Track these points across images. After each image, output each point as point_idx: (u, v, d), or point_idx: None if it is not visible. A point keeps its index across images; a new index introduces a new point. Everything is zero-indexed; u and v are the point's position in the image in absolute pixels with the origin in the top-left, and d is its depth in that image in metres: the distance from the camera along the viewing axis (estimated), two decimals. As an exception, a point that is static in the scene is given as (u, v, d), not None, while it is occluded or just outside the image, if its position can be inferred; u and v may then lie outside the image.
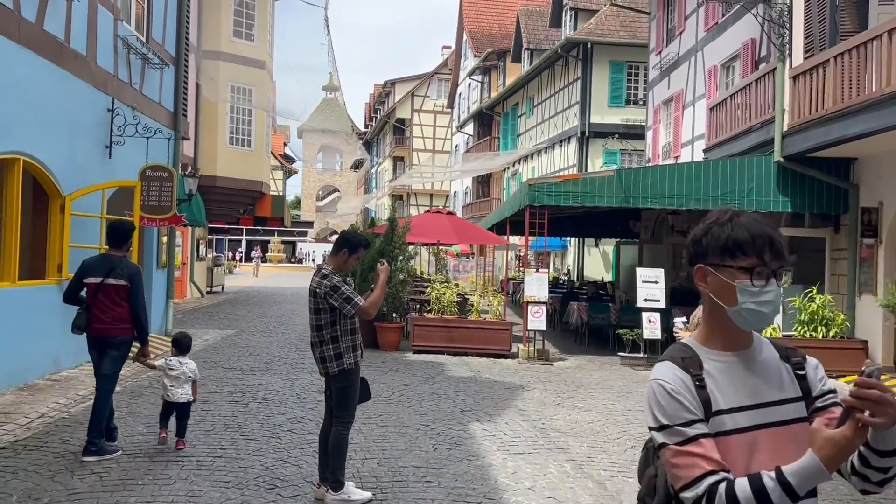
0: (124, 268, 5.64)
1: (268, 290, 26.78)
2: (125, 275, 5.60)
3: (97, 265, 5.68)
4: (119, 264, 5.64)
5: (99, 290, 5.55)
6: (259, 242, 57.21)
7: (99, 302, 5.55)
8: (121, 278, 5.58)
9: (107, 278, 5.56)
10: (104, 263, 5.67)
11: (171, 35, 12.37)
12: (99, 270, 5.61)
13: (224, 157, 21.25)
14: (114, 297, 5.56)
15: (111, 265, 5.62)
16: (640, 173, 11.05)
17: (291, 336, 13.19)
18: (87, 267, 5.71)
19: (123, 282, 5.58)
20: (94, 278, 5.60)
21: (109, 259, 5.71)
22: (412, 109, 51.64)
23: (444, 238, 12.91)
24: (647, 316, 10.65)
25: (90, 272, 5.65)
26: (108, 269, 5.59)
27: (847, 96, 9.23)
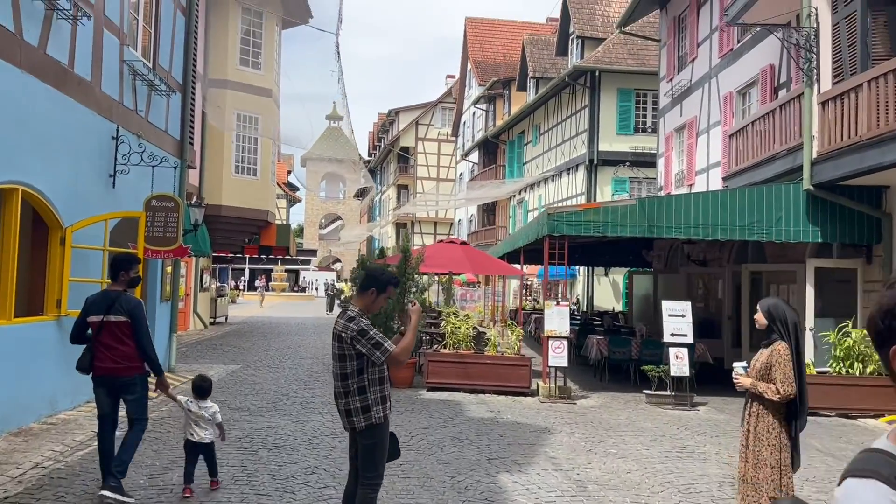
0: (123, 303, 5.38)
1: (272, 321, 26.28)
2: (124, 310, 5.35)
3: (97, 302, 5.45)
4: (118, 300, 5.38)
5: (101, 328, 5.32)
6: (263, 271, 56.76)
7: (103, 341, 5.31)
8: (120, 314, 5.33)
9: (107, 315, 5.32)
10: (104, 300, 5.44)
11: (178, 62, 12.06)
12: (99, 308, 5.38)
13: (229, 185, 20.94)
14: (117, 334, 5.32)
15: (110, 301, 5.38)
16: (662, 202, 10.63)
17: (299, 371, 12.68)
18: (88, 305, 5.49)
19: (123, 318, 5.33)
20: (96, 316, 5.37)
21: (108, 295, 5.49)
22: (416, 138, 51.56)
23: (457, 268, 12.48)
24: (674, 351, 10.15)
25: (92, 310, 5.42)
26: (107, 306, 5.35)
27: (883, 122, 8.84)
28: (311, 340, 18.95)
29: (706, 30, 17.71)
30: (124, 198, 9.67)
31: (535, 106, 30.59)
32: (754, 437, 4.53)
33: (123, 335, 5.31)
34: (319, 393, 10.43)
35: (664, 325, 10.35)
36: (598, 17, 29.03)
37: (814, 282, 10.61)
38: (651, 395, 10.36)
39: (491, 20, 45.95)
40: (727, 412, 9.93)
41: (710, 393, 11.26)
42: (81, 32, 8.35)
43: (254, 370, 12.66)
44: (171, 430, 7.63)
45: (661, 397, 10.25)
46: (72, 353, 8.62)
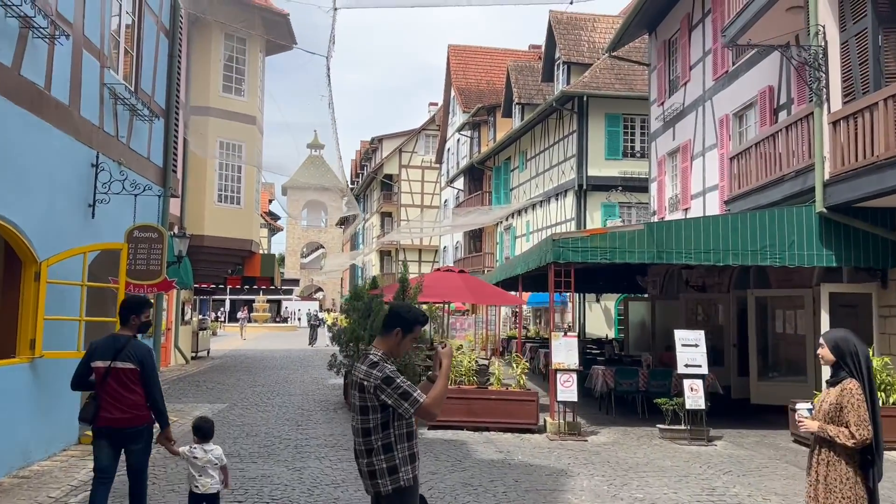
0: (133, 349, 5.11)
1: (256, 354, 25.49)
2: (134, 357, 5.08)
3: (105, 347, 5.14)
4: (127, 345, 5.11)
5: (107, 375, 5.03)
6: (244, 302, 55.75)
7: (109, 388, 5.03)
8: (129, 361, 5.06)
9: (115, 361, 5.04)
10: (111, 345, 5.13)
11: (160, 86, 11.54)
12: (107, 353, 5.09)
13: (212, 215, 20.32)
14: (125, 382, 5.04)
15: (120, 346, 5.09)
16: (671, 227, 10.21)
17: (290, 410, 12.01)
18: (94, 349, 5.19)
19: (132, 365, 5.06)
20: (102, 362, 5.08)
21: (117, 340, 5.17)
22: (400, 165, 51.26)
23: (456, 297, 11.95)
24: (688, 383, 9.65)
25: (97, 355, 5.12)
26: (115, 351, 5.07)
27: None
28: (299, 375, 18.25)
29: (699, 52, 17.52)
30: (104, 229, 9.07)
31: (521, 132, 30.40)
32: (825, 490, 4.00)
33: (132, 383, 5.04)
34: (314, 434, 9.78)
35: (677, 356, 9.86)
36: (584, 42, 28.99)
37: (828, 307, 10.18)
38: (665, 429, 9.84)
39: (474, 48, 45.99)
40: (746, 447, 9.42)
41: (723, 425, 10.77)
42: (59, 53, 7.81)
43: (241, 409, 11.98)
44: (155, 482, 6.96)
45: (675, 432, 9.73)
46: (48, 398, 7.97)
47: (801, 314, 12.77)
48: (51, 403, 7.93)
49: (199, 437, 5.27)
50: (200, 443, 5.23)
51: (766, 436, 10.32)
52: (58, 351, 7.74)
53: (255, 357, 24.20)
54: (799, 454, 8.97)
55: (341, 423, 10.59)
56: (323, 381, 16.86)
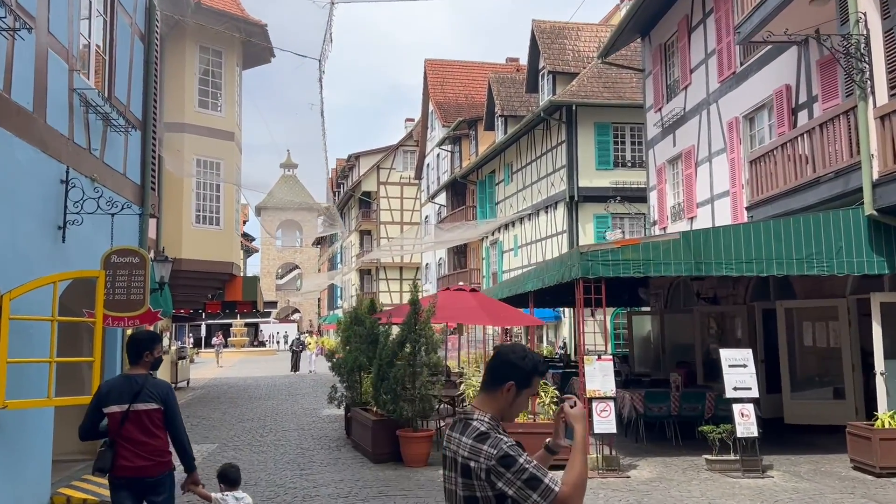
0: (153, 388, 4.72)
1: (238, 383, 24.15)
2: (157, 396, 4.69)
3: (119, 389, 4.69)
4: (146, 384, 4.71)
5: (125, 419, 4.61)
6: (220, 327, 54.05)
7: (128, 434, 4.60)
8: (152, 401, 4.66)
9: (134, 404, 4.63)
10: (128, 386, 4.70)
11: (136, 94, 10.42)
12: (123, 395, 4.65)
13: (190, 237, 19.08)
14: (147, 425, 4.64)
15: (137, 387, 4.67)
16: (709, 235, 9.31)
17: (288, 450, 10.85)
18: (106, 392, 4.71)
19: (155, 405, 4.67)
20: (118, 406, 4.63)
21: (133, 380, 4.73)
22: (378, 182, 50.23)
23: (472, 319, 10.96)
24: (738, 408, 8.70)
25: (111, 398, 4.66)
26: (133, 393, 4.65)
27: (971, 134, 7.71)
28: (289, 406, 17.04)
29: (700, 54, 16.81)
30: (76, 254, 7.91)
31: (506, 144, 29.57)
32: None
33: (154, 426, 4.66)
34: (321, 481, 8.65)
35: (725, 378, 8.91)
36: (569, 51, 28.33)
37: (880, 318, 9.33)
38: (713, 460, 8.87)
39: (450, 61, 45.33)
40: (806, 478, 8.48)
41: (765, 450, 9.81)
42: (21, 50, 6.69)
43: (234, 450, 10.79)
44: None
45: (725, 463, 8.76)
46: (12, 456, 6.77)
47: (835, 326, 11.94)
48: (16, 461, 6.74)
49: (227, 484, 5.09)
50: (228, 490, 5.05)
51: (819, 462, 9.41)
52: (24, 400, 6.55)
53: (238, 386, 22.88)
54: (868, 485, 8.05)
55: (349, 466, 9.47)
56: (316, 412, 15.69)
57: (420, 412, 9.20)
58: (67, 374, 8.36)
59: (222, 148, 20.01)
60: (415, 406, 9.09)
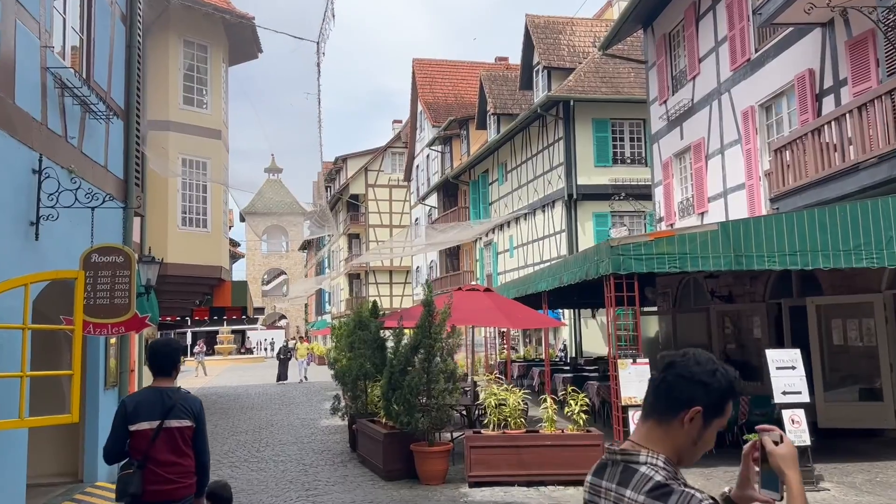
0: (187, 403, 4.33)
1: (228, 392, 23.16)
2: (190, 412, 4.30)
3: (149, 404, 4.24)
4: (179, 399, 4.31)
5: (157, 437, 4.21)
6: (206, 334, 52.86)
7: (157, 455, 4.20)
8: (185, 418, 4.27)
9: (167, 420, 4.22)
10: (159, 400, 4.25)
11: (118, 81, 9.52)
12: (154, 411, 4.22)
13: (176, 240, 18.13)
14: (178, 444, 4.26)
15: (170, 401, 4.25)
16: (749, 226, 8.56)
17: (289, 467, 9.96)
18: (133, 408, 4.25)
19: (188, 422, 4.29)
20: (148, 423, 4.20)
21: (164, 393, 4.28)
22: (366, 185, 49.33)
23: (489, 321, 10.15)
24: (788, 414, 7.93)
25: (140, 415, 4.22)
26: (166, 408, 4.23)
27: None
28: (283, 416, 16.12)
29: (709, 42, 16.12)
30: (52, 253, 7.01)
31: (500, 143, 28.83)
32: None
33: (185, 445, 4.29)
34: (327, 500, 7.78)
35: (772, 381, 8.15)
36: (564, 46, 27.66)
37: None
38: (761, 472, 8.09)
39: (439, 61, 44.64)
40: (864, 490, 7.73)
41: (808, 459, 9.07)
42: (-16, 18, 5.81)
43: (230, 468, 9.89)
44: None
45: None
46: None
47: (868, 323, 11.24)
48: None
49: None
50: None
51: (870, 471, 8.68)
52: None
53: (227, 395, 21.90)
54: (935, 496, 7.31)
55: (359, 485, 8.60)
56: (314, 422, 14.80)
57: (437, 424, 8.36)
58: (44, 390, 7.46)
59: (209, 147, 19.11)
60: (431, 417, 8.25)
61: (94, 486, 8.62)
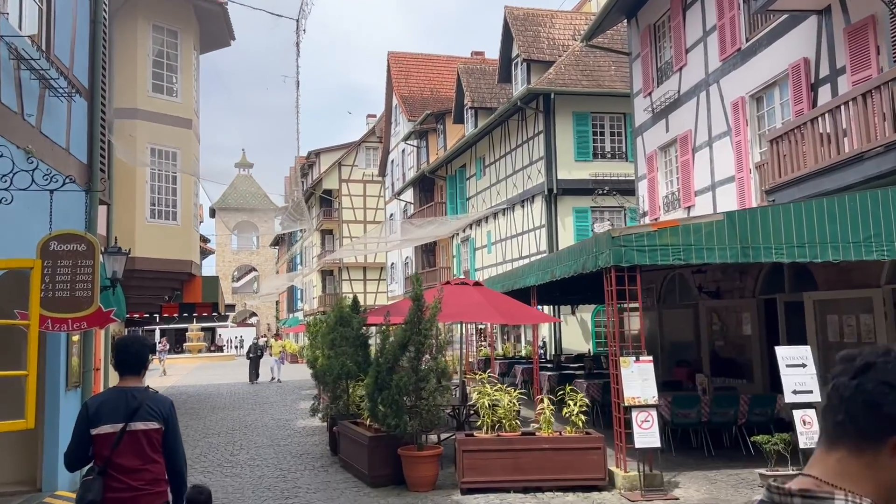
0: (155, 403, 4.01)
1: (198, 391, 22.36)
2: (158, 414, 3.99)
3: (111, 405, 3.94)
4: (145, 399, 3.99)
5: (120, 441, 3.90)
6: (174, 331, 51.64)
7: (121, 461, 3.90)
8: (152, 420, 3.97)
9: (131, 422, 3.91)
10: (123, 401, 3.94)
11: (81, 57, 8.81)
12: (117, 412, 3.92)
13: (144, 233, 17.35)
14: (144, 449, 3.94)
15: (135, 402, 3.94)
16: (756, 216, 8.14)
17: (266, 471, 9.35)
18: (94, 410, 3.94)
19: (156, 424, 3.98)
20: (111, 426, 3.90)
21: (129, 394, 3.96)
22: (340, 180, 48.54)
23: (481, 317, 9.62)
24: (800, 415, 7.54)
25: (102, 417, 3.91)
26: (131, 410, 3.92)
27: None
28: (257, 417, 15.44)
29: (697, 32, 15.77)
30: (5, 240, 6.33)
31: (477, 137, 28.35)
32: None
33: (152, 449, 3.97)
34: (313, 511, 7.21)
35: (783, 380, 7.74)
36: (543, 39, 27.26)
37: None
38: (769, 476, 7.68)
39: (414, 55, 44.04)
40: (878, 492, 7.34)
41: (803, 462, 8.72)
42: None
43: (202, 473, 9.25)
44: None
45: (783, 479, 7.57)
46: None
47: (866, 319, 10.93)
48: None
49: None
50: None
51: (878, 472, 8.31)
52: (-67, 428, 4.99)
53: (197, 395, 21.11)
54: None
55: (342, 492, 8.03)
56: (290, 423, 14.15)
57: (427, 426, 7.82)
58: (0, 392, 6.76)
59: (179, 136, 18.36)
60: (421, 419, 7.70)
61: (53, 495, 7.96)
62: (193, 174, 18.83)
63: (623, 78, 23.39)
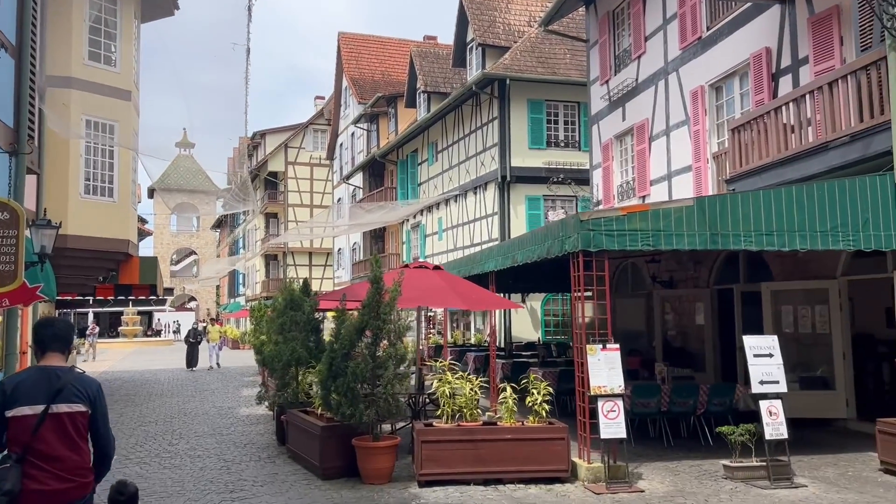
0: (80, 384, 3.59)
1: (134, 377, 21.38)
2: (84, 395, 3.58)
3: (31, 384, 3.50)
4: (71, 380, 3.57)
5: (41, 425, 3.47)
6: (108, 315, 49.73)
7: (41, 446, 3.46)
8: (78, 402, 3.55)
9: (54, 404, 3.50)
10: (45, 380, 3.52)
11: (7, 13, 8.03)
12: (37, 393, 3.49)
13: (78, 209, 16.37)
14: (69, 434, 3.52)
15: (58, 382, 3.52)
16: (726, 202, 7.94)
17: (208, 462, 8.77)
18: (12, 390, 3.49)
19: (82, 407, 3.56)
20: (30, 408, 3.47)
21: (51, 373, 3.55)
22: (286, 162, 47.39)
23: (442, 302, 9.21)
24: (766, 406, 7.38)
25: (19, 398, 3.47)
26: (54, 391, 3.51)
27: None
28: (197, 404, 14.74)
29: (657, 20, 15.64)
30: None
31: (430, 122, 27.90)
32: None
33: (77, 435, 3.56)
34: (260, 506, 6.71)
35: (750, 370, 7.58)
36: (499, 24, 26.91)
37: (903, 301, 8.27)
38: (735, 467, 7.52)
39: (366, 36, 43.21)
40: (843, 487, 7.26)
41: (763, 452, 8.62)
42: None
43: (138, 465, 8.62)
44: None
45: (748, 470, 7.43)
46: None
47: (822, 310, 10.96)
48: None
49: None
50: None
51: (836, 464, 8.28)
52: None
53: (133, 381, 20.17)
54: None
55: (292, 485, 7.54)
56: (232, 411, 13.52)
57: (385, 415, 7.39)
58: None
59: (117, 108, 17.37)
60: (378, 409, 7.27)
61: None
62: (132, 149, 17.87)
63: (578, 66, 23.26)
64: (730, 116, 13.26)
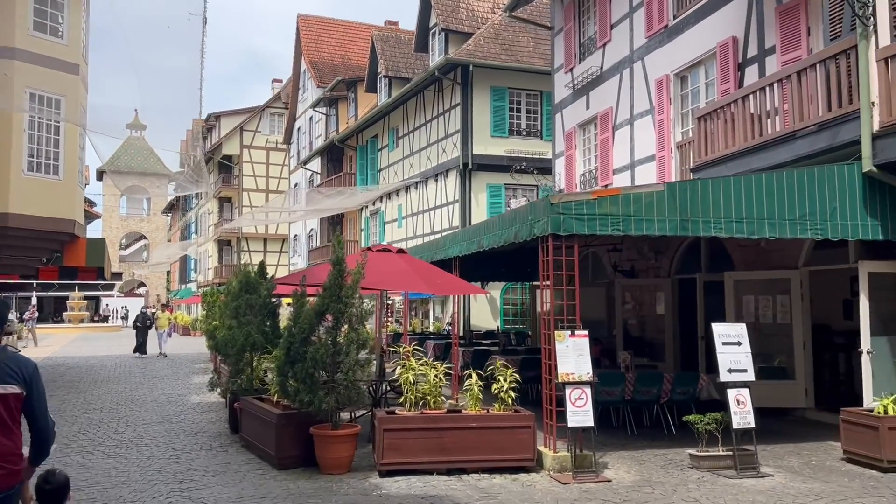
0: (16, 364, 3.38)
1: (77, 363, 20.57)
2: (18, 376, 3.36)
3: None
4: (5, 359, 3.35)
5: None
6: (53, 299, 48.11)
7: None
8: (12, 382, 3.33)
9: None
10: None
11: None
12: None
13: (20, 187, 15.65)
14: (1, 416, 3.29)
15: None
16: (697, 188, 7.80)
17: (156, 452, 8.35)
18: None
19: (17, 388, 3.34)
20: None
21: None
22: (241, 145, 46.37)
23: (407, 286, 8.89)
24: (734, 394, 7.29)
25: None
26: None
27: None
28: (145, 392, 14.19)
29: (623, 8, 15.52)
30: None
31: (391, 107, 27.48)
32: None
33: (11, 418, 3.34)
34: (212, 498, 6.35)
35: (718, 358, 7.47)
36: (463, 9, 26.61)
37: (867, 291, 8.28)
38: (701, 456, 7.41)
39: (326, 19, 42.53)
40: (808, 476, 7.21)
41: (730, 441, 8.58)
42: None
43: (81, 454, 8.15)
44: None
45: (714, 459, 7.34)
46: None
47: (783, 300, 10.99)
48: None
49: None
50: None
51: (799, 454, 8.27)
52: None
53: (77, 367, 19.40)
54: (885, 482, 6.89)
55: (246, 475, 7.19)
56: (182, 399, 13.03)
57: (345, 403, 7.08)
58: None
59: (64, 82, 16.61)
60: (338, 396, 6.95)
61: None
62: (80, 125, 17.10)
63: (542, 55, 23.11)
64: (694, 106, 13.22)
